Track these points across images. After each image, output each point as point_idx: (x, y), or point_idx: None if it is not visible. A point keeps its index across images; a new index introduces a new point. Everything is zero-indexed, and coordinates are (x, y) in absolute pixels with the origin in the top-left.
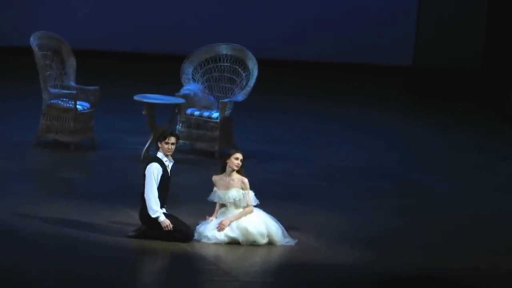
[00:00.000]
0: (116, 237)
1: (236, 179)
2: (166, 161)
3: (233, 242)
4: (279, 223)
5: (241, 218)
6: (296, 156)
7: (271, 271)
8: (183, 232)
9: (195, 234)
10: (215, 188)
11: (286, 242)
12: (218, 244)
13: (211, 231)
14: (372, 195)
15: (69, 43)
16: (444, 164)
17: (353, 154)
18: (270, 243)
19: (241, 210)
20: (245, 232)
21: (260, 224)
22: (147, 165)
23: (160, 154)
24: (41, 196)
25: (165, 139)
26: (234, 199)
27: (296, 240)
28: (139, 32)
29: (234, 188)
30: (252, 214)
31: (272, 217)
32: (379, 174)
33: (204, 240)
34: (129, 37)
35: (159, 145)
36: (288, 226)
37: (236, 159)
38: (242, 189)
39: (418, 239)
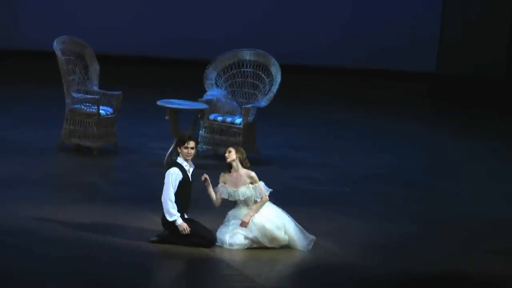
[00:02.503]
0: (138, 241)
1: (244, 174)
2: (186, 165)
3: (255, 246)
4: (295, 222)
5: (259, 211)
6: (318, 162)
7: (292, 276)
8: (205, 237)
9: (218, 240)
10: (221, 184)
11: (307, 243)
12: (240, 249)
13: (232, 237)
14: (393, 201)
15: (93, 48)
16: (465, 171)
17: (375, 161)
18: (290, 243)
19: (251, 206)
20: (263, 230)
21: (274, 217)
22: (167, 170)
23: (180, 159)
24: (64, 201)
25: (184, 143)
26: (245, 197)
27: (314, 238)
28: (162, 38)
29: (243, 185)
30: (266, 210)
31: (287, 214)
32: (400, 181)
33: (226, 246)
34: (153, 42)
35: (179, 150)
36: (310, 232)
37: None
38: (251, 183)
39: (438, 245)
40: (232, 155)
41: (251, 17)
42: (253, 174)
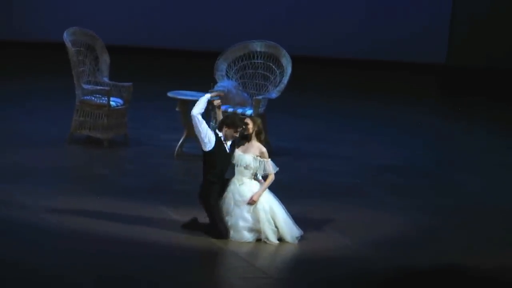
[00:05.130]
0: (149, 233)
1: (256, 146)
2: (222, 137)
3: (262, 238)
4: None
5: (266, 189)
6: (329, 154)
7: (302, 268)
8: (221, 230)
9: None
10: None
11: (296, 237)
12: (250, 242)
13: (239, 232)
14: (405, 193)
15: (103, 39)
16: (478, 162)
17: (388, 152)
18: (280, 232)
19: (243, 184)
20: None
21: (265, 203)
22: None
23: (220, 134)
24: (74, 193)
25: (236, 128)
26: (246, 165)
27: (302, 232)
28: (173, 29)
29: (251, 153)
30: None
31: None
32: (412, 172)
33: (233, 236)
34: (163, 33)
35: (225, 128)
36: (321, 223)
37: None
38: (260, 157)
39: (449, 237)
40: (250, 128)
41: (265, 9)
42: (264, 150)
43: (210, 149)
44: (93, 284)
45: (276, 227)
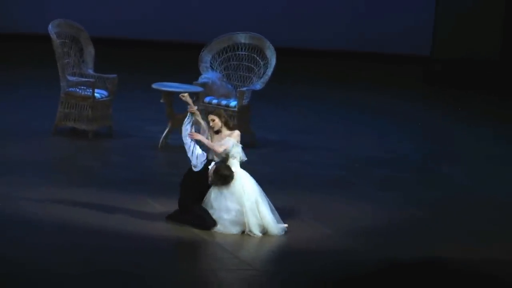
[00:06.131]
0: (135, 226)
1: (227, 133)
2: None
3: (245, 231)
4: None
5: (211, 146)
6: (315, 146)
7: (286, 260)
8: (205, 220)
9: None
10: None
11: (281, 229)
12: (235, 234)
13: (223, 224)
14: (391, 185)
15: (88, 31)
16: (465, 154)
17: (374, 144)
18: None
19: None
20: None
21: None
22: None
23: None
24: (59, 184)
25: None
26: (228, 153)
27: (286, 225)
28: (157, 20)
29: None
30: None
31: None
32: (399, 164)
33: (218, 229)
34: (147, 25)
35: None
36: (306, 214)
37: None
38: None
39: (434, 229)
40: (217, 123)
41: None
42: (235, 133)
43: (197, 170)
44: (78, 277)
45: (260, 219)
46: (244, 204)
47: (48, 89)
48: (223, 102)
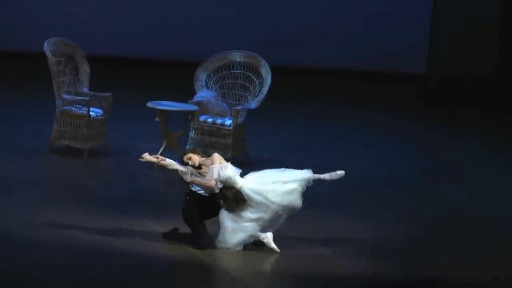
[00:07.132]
0: (130, 244)
1: (209, 163)
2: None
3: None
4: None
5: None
6: (310, 164)
7: (282, 279)
8: (200, 239)
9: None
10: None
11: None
12: (230, 251)
13: (226, 234)
14: (387, 203)
15: (83, 49)
16: (459, 172)
17: (370, 163)
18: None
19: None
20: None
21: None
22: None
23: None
24: (54, 203)
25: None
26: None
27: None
28: (152, 39)
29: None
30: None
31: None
32: (394, 182)
33: (220, 246)
34: (142, 43)
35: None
36: (303, 234)
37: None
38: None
39: (430, 248)
40: (194, 158)
41: (243, 19)
42: (216, 158)
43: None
44: None
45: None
46: (273, 200)
47: (43, 107)
48: (218, 121)
